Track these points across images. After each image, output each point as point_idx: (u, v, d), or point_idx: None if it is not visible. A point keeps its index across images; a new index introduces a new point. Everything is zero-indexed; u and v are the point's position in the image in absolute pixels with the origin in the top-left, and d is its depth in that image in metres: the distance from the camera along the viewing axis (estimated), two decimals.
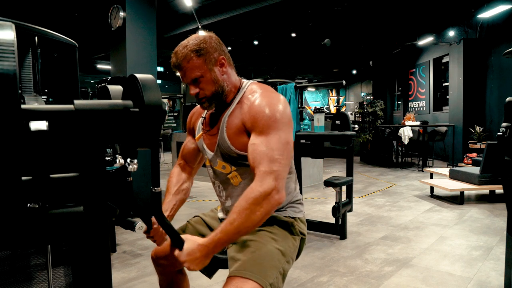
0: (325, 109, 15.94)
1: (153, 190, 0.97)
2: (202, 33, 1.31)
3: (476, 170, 4.77)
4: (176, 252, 1.08)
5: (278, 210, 1.31)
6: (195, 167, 1.53)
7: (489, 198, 4.94)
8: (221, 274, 1.38)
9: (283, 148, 1.13)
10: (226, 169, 1.31)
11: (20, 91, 0.73)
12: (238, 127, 1.24)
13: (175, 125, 14.12)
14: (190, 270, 1.10)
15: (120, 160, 0.86)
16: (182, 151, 1.52)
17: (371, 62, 11.63)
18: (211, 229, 1.42)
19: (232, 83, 1.30)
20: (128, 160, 0.87)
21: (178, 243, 1.08)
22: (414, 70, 10.52)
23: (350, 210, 3.52)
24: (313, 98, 17.19)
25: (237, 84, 1.31)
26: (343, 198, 3.36)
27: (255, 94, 1.25)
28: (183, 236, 1.09)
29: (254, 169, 1.12)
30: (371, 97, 11.55)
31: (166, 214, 1.37)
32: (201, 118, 1.43)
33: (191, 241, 1.08)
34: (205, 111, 1.40)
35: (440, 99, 9.62)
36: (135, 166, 0.87)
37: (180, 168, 1.51)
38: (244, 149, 1.24)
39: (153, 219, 1.25)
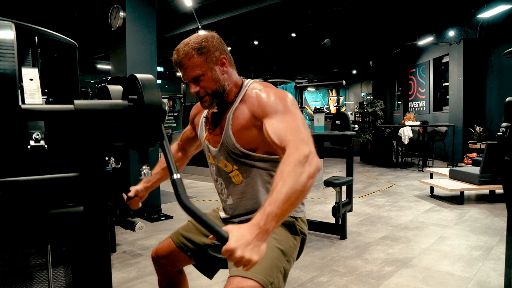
0: (325, 109, 15.94)
1: (171, 179, 0.87)
2: (204, 32, 1.32)
3: (476, 170, 4.76)
4: (223, 247, 0.87)
5: None
6: (191, 151, 1.64)
7: (489, 198, 4.94)
8: (221, 274, 1.38)
9: (302, 122, 1.13)
10: (228, 168, 1.31)
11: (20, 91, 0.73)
12: (245, 121, 1.24)
13: (175, 125, 14.12)
14: (245, 266, 0.89)
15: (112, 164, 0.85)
16: (182, 136, 1.62)
17: (371, 62, 11.63)
18: None
19: (233, 82, 1.30)
20: (143, 167, 0.86)
21: (219, 235, 0.87)
22: (414, 70, 10.51)
23: (350, 210, 3.52)
24: (313, 98, 17.18)
25: (239, 83, 1.32)
26: (343, 198, 3.36)
27: (260, 90, 1.25)
28: (224, 228, 0.91)
29: (281, 144, 1.08)
30: (371, 97, 11.55)
31: (147, 184, 1.49)
32: (202, 118, 1.43)
33: (235, 228, 0.90)
34: (207, 111, 1.40)
35: (440, 99, 9.62)
36: (148, 172, 0.86)
37: (177, 147, 1.64)
38: (248, 146, 1.25)
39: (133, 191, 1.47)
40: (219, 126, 1.32)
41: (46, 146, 0.75)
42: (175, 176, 0.86)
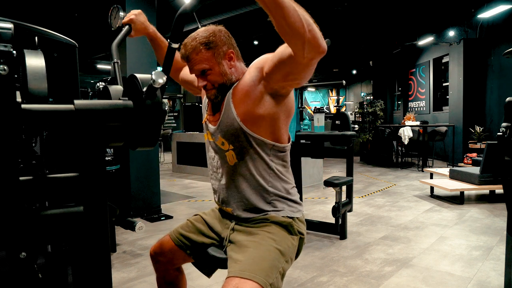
0: (325, 109, 15.94)
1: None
2: (211, 26, 1.32)
3: (476, 170, 4.77)
4: None
5: (276, 210, 1.30)
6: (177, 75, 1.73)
7: (489, 198, 4.94)
8: (221, 274, 1.38)
9: None
10: (225, 146, 1.30)
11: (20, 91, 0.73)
12: (247, 86, 1.24)
13: (175, 125, 14.13)
14: None
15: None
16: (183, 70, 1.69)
17: (371, 62, 11.63)
18: (211, 228, 1.43)
19: (240, 75, 1.31)
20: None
21: None
22: (414, 70, 10.52)
23: (350, 210, 3.52)
24: (313, 98, 17.18)
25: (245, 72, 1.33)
26: (343, 198, 3.36)
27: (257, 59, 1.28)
28: None
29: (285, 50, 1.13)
30: (371, 97, 11.54)
31: (151, 31, 1.68)
32: (205, 98, 1.44)
33: None
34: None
35: (440, 99, 9.62)
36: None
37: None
38: (247, 122, 1.24)
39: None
40: (219, 110, 1.32)
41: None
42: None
